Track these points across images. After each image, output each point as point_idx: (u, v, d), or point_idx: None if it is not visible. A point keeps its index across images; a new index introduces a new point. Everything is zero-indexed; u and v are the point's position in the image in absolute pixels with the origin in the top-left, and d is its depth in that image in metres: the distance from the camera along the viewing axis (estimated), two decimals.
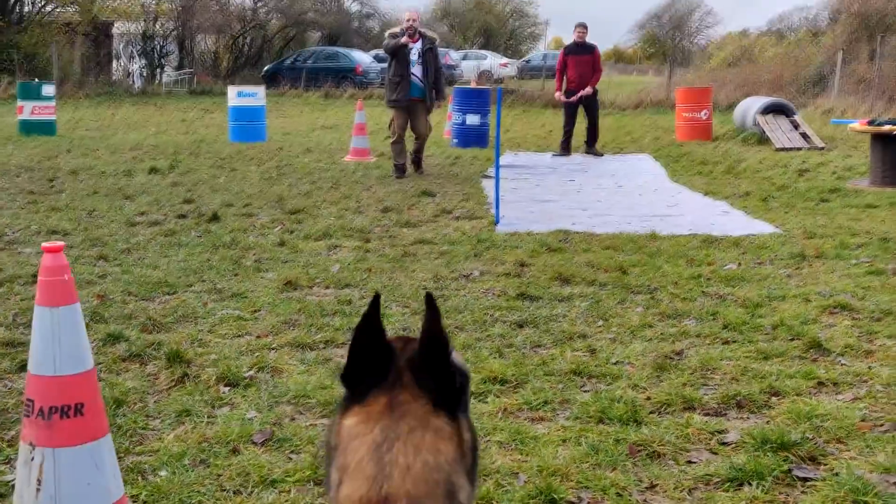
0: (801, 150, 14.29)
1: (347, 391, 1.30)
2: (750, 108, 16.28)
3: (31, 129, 16.74)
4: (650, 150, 15.21)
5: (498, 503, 3.01)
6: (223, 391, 4.01)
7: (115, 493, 2.64)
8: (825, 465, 3.26)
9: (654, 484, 3.15)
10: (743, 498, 3.03)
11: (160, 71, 37.89)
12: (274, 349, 4.61)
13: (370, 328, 1.28)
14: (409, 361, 1.29)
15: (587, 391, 4.03)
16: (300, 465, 3.25)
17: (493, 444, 3.44)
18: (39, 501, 2.51)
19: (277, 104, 26.32)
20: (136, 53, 39.13)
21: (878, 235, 7.35)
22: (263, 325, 5.03)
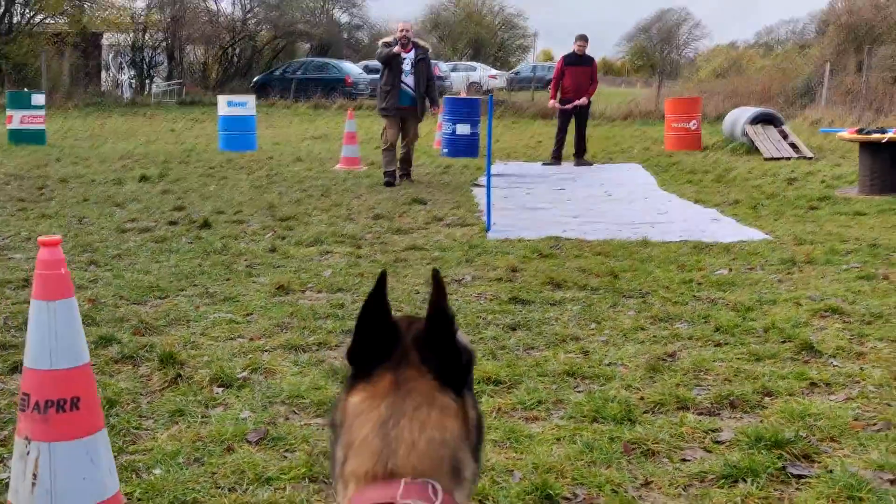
0: (790, 159, 14.36)
1: (353, 369, 1.30)
2: (739, 118, 16.36)
3: (20, 138, 16.73)
4: (640, 160, 15.26)
5: (494, 499, 3.01)
6: (217, 392, 4.00)
7: (110, 487, 2.62)
8: (819, 462, 3.27)
9: (649, 481, 3.15)
10: (738, 494, 3.04)
11: (149, 82, 37.86)
12: (267, 351, 4.60)
13: (376, 306, 1.28)
14: (414, 339, 1.28)
15: (581, 391, 4.04)
16: (295, 462, 3.24)
17: (487, 442, 3.44)
18: (35, 496, 2.50)
19: (267, 115, 26.31)
20: (125, 64, 39.12)
21: (867, 242, 7.38)
22: (256, 327, 5.02)
